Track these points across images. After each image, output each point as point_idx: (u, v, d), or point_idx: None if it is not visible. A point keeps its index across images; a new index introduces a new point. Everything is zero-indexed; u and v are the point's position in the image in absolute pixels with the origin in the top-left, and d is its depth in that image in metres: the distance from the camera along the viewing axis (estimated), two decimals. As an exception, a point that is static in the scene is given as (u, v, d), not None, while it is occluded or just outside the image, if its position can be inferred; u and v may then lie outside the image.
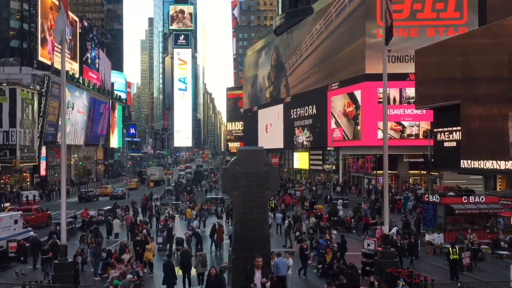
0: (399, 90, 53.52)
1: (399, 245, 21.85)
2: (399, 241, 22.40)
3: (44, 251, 20.65)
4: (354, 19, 56.29)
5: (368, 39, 53.50)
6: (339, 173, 61.44)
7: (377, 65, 49.73)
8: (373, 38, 52.82)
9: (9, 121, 57.46)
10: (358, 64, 55.29)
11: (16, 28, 73.89)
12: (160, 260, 22.36)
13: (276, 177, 16.06)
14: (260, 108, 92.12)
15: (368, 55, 53.45)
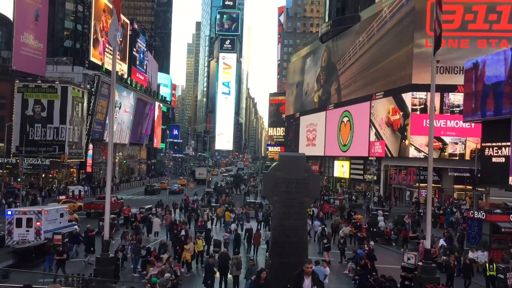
0: (439, 95, 50.64)
1: (451, 265, 20.89)
2: (453, 262, 21.23)
3: (59, 252, 20.59)
4: (402, 27, 55.34)
5: (416, 48, 52.42)
6: (380, 183, 60.37)
7: (424, 75, 48.66)
8: (421, 48, 51.73)
9: (59, 118, 59.76)
10: (404, 73, 54.23)
11: (70, 28, 76.80)
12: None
13: (316, 184, 16.01)
14: (303, 114, 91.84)
15: (415, 65, 52.34)
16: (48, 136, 59.67)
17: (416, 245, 28.11)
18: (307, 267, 11.73)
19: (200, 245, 23.38)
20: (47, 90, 60.06)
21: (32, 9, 60.52)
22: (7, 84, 58.72)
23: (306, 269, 11.70)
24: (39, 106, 59.75)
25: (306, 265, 11.84)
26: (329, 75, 78.45)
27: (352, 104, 67.98)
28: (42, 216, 25.44)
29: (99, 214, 34.76)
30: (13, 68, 58.45)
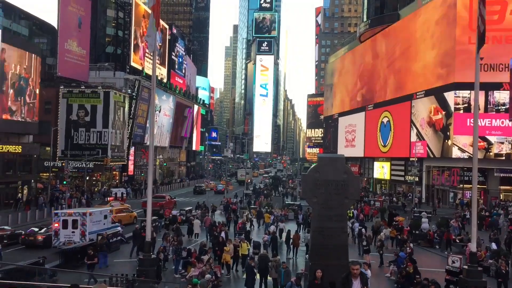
0: (484, 93, 48.97)
1: (503, 272, 19.99)
2: (504, 268, 20.27)
3: (90, 257, 20.84)
4: (444, 24, 53.93)
5: (458, 45, 50.97)
6: (422, 185, 58.98)
7: (467, 73, 47.24)
8: (463, 45, 50.25)
9: (102, 122, 61.44)
10: (446, 72, 52.83)
11: (112, 34, 78.88)
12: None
13: (356, 186, 15.80)
14: (342, 115, 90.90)
15: (458, 63, 50.88)
16: (92, 140, 61.45)
17: (460, 248, 27.34)
18: (354, 269, 11.16)
19: (245, 248, 23.21)
20: (90, 95, 61.90)
21: (75, 17, 62.54)
22: (52, 90, 60.85)
23: (353, 270, 11.15)
24: (83, 110, 61.64)
25: (353, 266, 11.28)
26: (368, 75, 77.33)
27: (392, 104, 66.74)
28: (87, 218, 26.18)
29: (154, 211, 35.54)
30: (58, 74, 60.53)
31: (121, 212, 37.00)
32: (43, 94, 54.50)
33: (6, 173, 46.43)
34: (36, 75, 50.16)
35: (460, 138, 51.35)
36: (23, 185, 49.00)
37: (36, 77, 50.39)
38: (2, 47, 43.99)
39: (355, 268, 11.18)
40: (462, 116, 51.09)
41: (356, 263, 11.57)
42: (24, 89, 48.11)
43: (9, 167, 46.99)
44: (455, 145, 51.59)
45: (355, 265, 11.34)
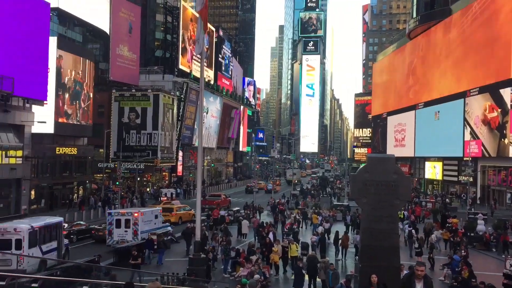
0: None
1: None
2: None
3: (134, 257, 21.01)
4: (498, 19, 51.73)
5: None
6: (477, 185, 56.79)
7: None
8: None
9: (152, 124, 63.01)
10: (502, 68, 50.63)
11: (160, 39, 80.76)
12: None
13: (407, 186, 15.40)
14: (390, 114, 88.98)
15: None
16: (142, 142, 63.14)
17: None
18: (419, 270, 10.14)
19: (294, 250, 22.86)
20: (140, 98, 63.63)
21: (126, 22, 64.45)
22: (105, 94, 63.01)
23: (417, 271, 10.15)
24: (134, 113, 63.43)
25: (417, 267, 10.29)
26: (418, 73, 75.31)
27: (443, 102, 64.66)
28: (139, 218, 26.91)
29: (210, 209, 41.03)
30: (110, 78, 62.60)
31: (181, 210, 39.32)
32: (97, 98, 56.52)
33: (63, 174, 48.48)
34: (90, 80, 52.11)
35: (517, 136, 49.10)
36: (78, 186, 51.02)
37: (90, 82, 52.35)
38: (59, 54, 45.93)
39: (419, 269, 10.16)
40: (519, 113, 48.85)
41: (421, 264, 10.62)
42: (79, 93, 50.09)
43: (65, 169, 49.03)
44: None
45: (420, 266, 10.36)
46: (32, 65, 38.58)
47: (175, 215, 37.53)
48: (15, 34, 36.47)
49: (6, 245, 19.91)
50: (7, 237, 20.23)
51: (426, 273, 10.31)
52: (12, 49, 36.13)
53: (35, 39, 39.17)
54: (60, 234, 23.82)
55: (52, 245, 22.82)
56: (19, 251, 20.06)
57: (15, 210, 38.82)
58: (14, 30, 36.42)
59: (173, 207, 38.85)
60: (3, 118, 37.38)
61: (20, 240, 20.22)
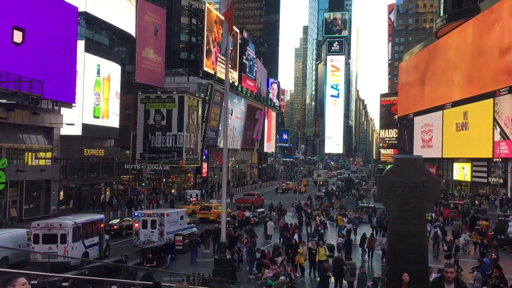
0: None
1: None
2: None
3: (149, 260, 21.24)
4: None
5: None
6: (508, 186, 55.39)
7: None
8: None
9: (177, 126, 63.55)
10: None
11: (185, 41, 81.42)
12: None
13: (435, 188, 15.10)
14: (417, 115, 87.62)
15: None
16: (168, 143, 63.73)
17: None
18: (449, 271, 9.32)
19: (322, 253, 21.70)
20: (166, 100, 64.25)
21: (152, 25, 65.21)
22: (131, 96, 63.82)
23: (447, 274, 9.35)
24: (159, 115, 64.09)
25: (447, 269, 9.49)
26: (445, 73, 73.98)
27: (472, 102, 63.33)
28: (165, 219, 27.15)
29: (246, 207, 44.22)
30: (136, 81, 63.41)
31: (219, 208, 39.51)
32: (123, 100, 57.33)
33: (90, 175, 49.32)
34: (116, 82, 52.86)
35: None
36: (105, 187, 51.83)
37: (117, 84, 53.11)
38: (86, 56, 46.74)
39: (449, 270, 9.35)
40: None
41: (450, 265, 9.88)
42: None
43: (93, 170, 49.88)
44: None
45: (450, 267, 9.54)
46: (60, 68, 39.38)
47: (214, 213, 39.54)
48: (45, 38, 37.30)
49: (52, 239, 22.16)
50: (53, 232, 22.35)
51: (457, 276, 9.42)
52: (42, 53, 36.96)
53: (63, 42, 40.00)
54: (101, 230, 25.54)
55: (94, 240, 24.72)
56: (64, 244, 22.07)
57: (45, 210, 39.71)
58: (44, 34, 37.26)
59: (212, 206, 41.63)
60: (33, 120, 38.28)
61: (65, 234, 22.26)
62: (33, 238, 22.39)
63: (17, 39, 34.81)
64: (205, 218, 38.34)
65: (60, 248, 21.94)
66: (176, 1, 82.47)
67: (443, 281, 9.22)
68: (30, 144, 39.03)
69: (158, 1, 72.27)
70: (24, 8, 35.74)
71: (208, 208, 40.99)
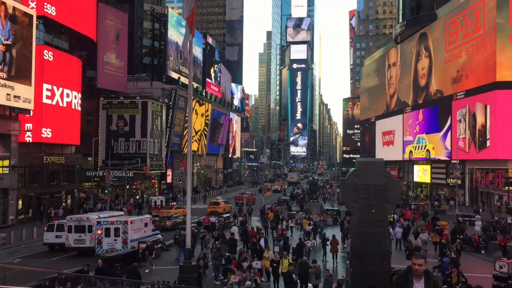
0: None
1: None
2: None
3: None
4: (485, 23, 52.40)
5: (500, 43, 49.43)
6: (465, 188, 57.27)
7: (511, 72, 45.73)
8: (506, 42, 48.71)
9: (141, 132, 62.68)
10: (487, 71, 51.26)
11: (148, 46, 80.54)
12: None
13: (396, 190, 15.45)
14: (378, 118, 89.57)
15: (499, 62, 49.35)
16: (131, 149, 62.76)
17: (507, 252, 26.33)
18: (417, 263, 7.53)
19: (286, 266, 19.82)
20: (129, 106, 63.29)
21: (113, 29, 64.16)
22: (93, 101, 62.49)
23: (414, 266, 7.55)
24: (122, 121, 63.06)
25: (415, 260, 7.61)
26: (404, 77, 75.96)
27: (432, 105, 65.29)
28: (128, 226, 26.68)
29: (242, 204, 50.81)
30: (98, 86, 62.17)
31: (224, 204, 50.41)
32: (84, 105, 56.15)
33: (51, 183, 47.99)
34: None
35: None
36: (66, 195, 50.52)
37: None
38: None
39: (417, 262, 7.53)
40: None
41: (419, 256, 7.68)
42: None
43: (53, 177, 48.56)
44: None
45: (418, 258, 7.60)
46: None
47: (221, 207, 48.14)
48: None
49: (81, 229, 28.17)
50: (82, 224, 28.19)
51: (427, 269, 7.69)
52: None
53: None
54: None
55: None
56: (90, 233, 27.92)
57: (2, 220, 38.36)
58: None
59: (220, 201, 50.51)
60: (-11, 127, 36.97)
61: (91, 226, 27.92)
62: (67, 228, 28.28)
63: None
64: (214, 211, 46.24)
65: (87, 236, 27.85)
66: (139, 6, 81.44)
67: (411, 276, 7.65)
68: (-14, 152, 37.66)
69: (119, 6, 71.13)
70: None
71: (217, 203, 49.53)
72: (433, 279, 7.68)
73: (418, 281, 7.54)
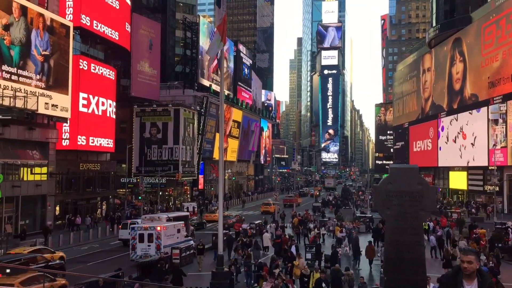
0: None
1: None
2: None
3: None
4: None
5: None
6: (503, 195, 55.54)
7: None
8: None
9: (173, 139, 63.50)
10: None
11: (180, 54, 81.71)
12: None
13: (432, 197, 15.05)
14: (412, 124, 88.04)
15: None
16: (164, 156, 63.63)
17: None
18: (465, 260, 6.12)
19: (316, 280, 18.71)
20: (161, 113, 64.27)
21: (147, 39, 65.47)
22: (127, 109, 63.81)
23: (463, 264, 6.16)
24: (155, 128, 64.07)
25: (463, 257, 6.21)
26: (439, 82, 74.50)
27: (467, 111, 63.78)
28: (161, 232, 27.00)
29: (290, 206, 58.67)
30: (132, 94, 63.44)
31: (274, 204, 56.33)
32: (119, 113, 57.35)
33: (87, 190, 49.13)
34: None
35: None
36: (101, 201, 51.60)
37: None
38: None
39: (466, 259, 6.14)
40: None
41: (469, 252, 6.26)
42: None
43: (89, 184, 49.69)
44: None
45: (468, 254, 6.21)
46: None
47: (273, 207, 54.16)
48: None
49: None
50: (155, 222, 30.37)
51: (480, 268, 6.32)
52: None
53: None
54: (187, 222, 35.10)
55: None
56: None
57: (41, 226, 39.46)
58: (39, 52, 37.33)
59: (271, 202, 57.49)
60: (28, 135, 38.21)
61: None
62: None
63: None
64: (266, 211, 53.65)
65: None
66: (171, 15, 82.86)
67: (460, 276, 6.30)
68: (26, 159, 38.90)
69: (153, 15, 72.49)
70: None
71: (269, 204, 56.79)
72: (489, 281, 6.31)
73: (469, 282, 6.20)
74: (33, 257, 23.79)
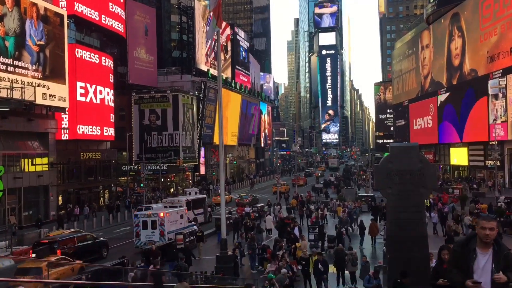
0: None
1: None
2: None
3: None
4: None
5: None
6: (504, 169, 55.57)
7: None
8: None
9: (173, 125, 63.40)
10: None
11: (176, 39, 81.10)
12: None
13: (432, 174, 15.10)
14: (412, 102, 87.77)
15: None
16: (164, 143, 63.62)
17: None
18: (487, 227, 5.37)
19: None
20: (160, 100, 64.06)
21: (142, 25, 64.90)
22: (125, 97, 63.58)
23: (485, 232, 5.39)
24: (154, 115, 63.92)
25: (484, 223, 5.40)
26: (438, 59, 74.05)
27: (466, 87, 63.49)
28: (165, 218, 27.12)
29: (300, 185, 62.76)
30: (129, 81, 63.14)
31: (286, 185, 60.46)
32: (117, 101, 57.15)
33: (88, 179, 49.23)
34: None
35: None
36: (104, 190, 51.73)
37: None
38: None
39: (488, 226, 5.38)
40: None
41: (490, 218, 5.51)
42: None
43: (90, 173, 49.77)
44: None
45: (490, 221, 5.43)
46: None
47: (284, 187, 57.24)
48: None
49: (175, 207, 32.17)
50: (175, 204, 33.14)
51: (497, 238, 5.51)
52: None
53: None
54: (205, 204, 39.40)
55: (200, 211, 37.66)
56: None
57: (44, 216, 39.64)
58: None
59: (282, 183, 57.82)
60: (27, 127, 38.14)
61: (181, 205, 32.88)
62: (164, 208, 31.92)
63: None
64: (276, 191, 53.97)
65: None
66: (165, 0, 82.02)
67: (474, 243, 5.56)
68: (26, 150, 38.91)
69: (147, 0, 71.72)
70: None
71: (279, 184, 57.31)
72: (505, 251, 5.49)
73: (484, 251, 5.46)
74: (83, 235, 26.87)
